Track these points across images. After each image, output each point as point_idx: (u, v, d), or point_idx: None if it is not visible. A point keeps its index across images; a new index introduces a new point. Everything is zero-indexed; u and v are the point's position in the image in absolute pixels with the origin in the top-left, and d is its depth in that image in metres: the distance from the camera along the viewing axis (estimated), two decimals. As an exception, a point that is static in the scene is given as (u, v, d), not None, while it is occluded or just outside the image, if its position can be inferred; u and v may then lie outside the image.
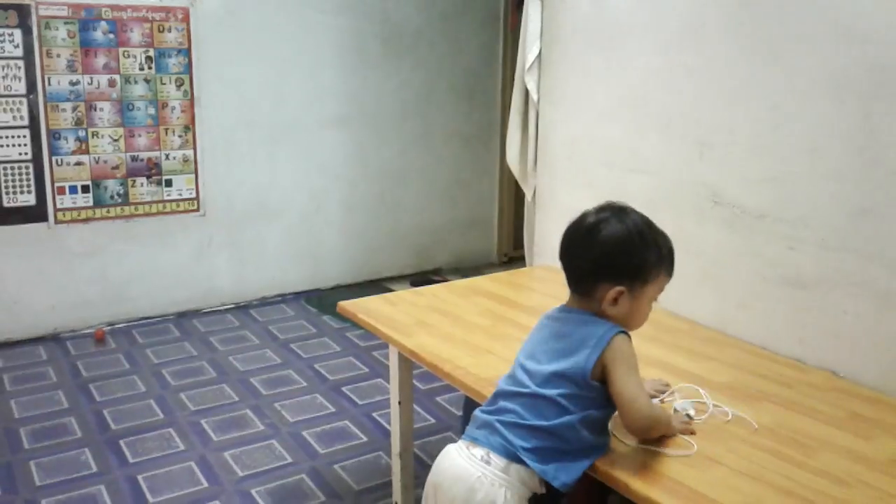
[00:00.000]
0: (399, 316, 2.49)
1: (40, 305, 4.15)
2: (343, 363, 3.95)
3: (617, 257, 1.59)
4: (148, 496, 2.77)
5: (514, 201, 5.57)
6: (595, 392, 1.57)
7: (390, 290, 4.04)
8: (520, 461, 1.56)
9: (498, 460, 1.57)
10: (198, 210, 4.50)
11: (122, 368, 3.85)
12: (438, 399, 3.54)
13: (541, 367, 1.61)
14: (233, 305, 4.71)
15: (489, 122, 5.48)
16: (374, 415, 3.40)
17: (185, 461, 3.00)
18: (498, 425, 1.60)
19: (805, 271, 2.14)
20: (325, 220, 4.97)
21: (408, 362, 2.51)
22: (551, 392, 1.57)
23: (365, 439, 3.19)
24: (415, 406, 3.03)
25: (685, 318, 2.46)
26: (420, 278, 5.16)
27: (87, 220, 4.19)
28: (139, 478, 2.88)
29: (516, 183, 5.30)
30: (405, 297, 2.71)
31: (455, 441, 1.69)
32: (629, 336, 1.61)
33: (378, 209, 5.16)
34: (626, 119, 2.70)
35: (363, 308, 2.58)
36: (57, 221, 4.11)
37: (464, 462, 1.60)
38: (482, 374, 2.01)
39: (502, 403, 1.64)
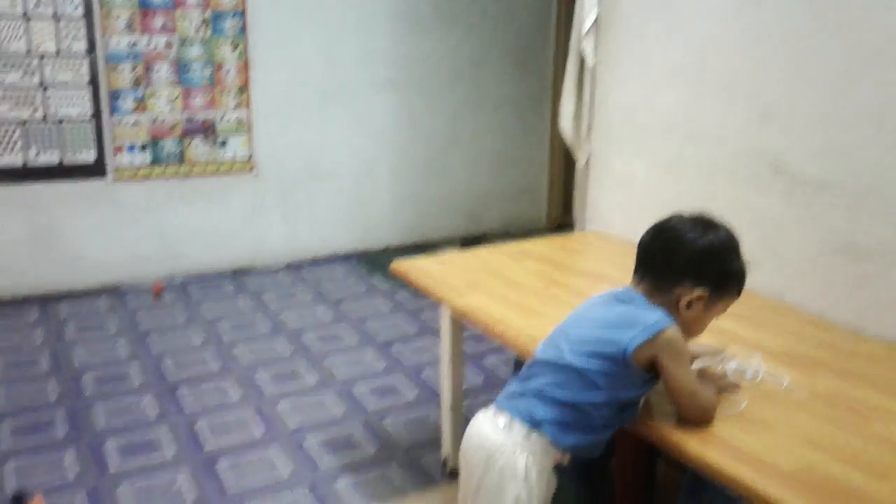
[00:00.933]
0: (451, 276, 2.53)
1: (100, 259, 4.29)
2: (392, 323, 4.02)
3: (713, 261, 1.60)
4: (206, 442, 2.88)
5: (564, 168, 5.55)
6: (632, 375, 1.57)
7: (438, 252, 4.09)
8: (541, 430, 1.59)
9: (520, 428, 1.60)
10: (251, 170, 4.58)
11: (178, 321, 3.98)
12: (486, 361, 3.59)
13: (582, 335, 1.62)
14: (284, 265, 4.81)
15: (541, 88, 5.45)
16: (423, 374, 3.46)
17: (240, 411, 3.11)
18: (526, 393, 1.63)
19: (866, 242, 2.12)
20: (375, 183, 5.02)
21: (458, 322, 2.56)
22: (584, 366, 1.58)
23: (413, 396, 3.26)
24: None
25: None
26: (468, 242, 5.20)
27: (144, 178, 4.30)
28: (196, 424, 2.99)
29: (567, 150, 5.31)
30: (457, 258, 2.74)
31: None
32: (676, 326, 1.58)
33: (428, 174, 5.19)
34: (684, 85, 2.67)
35: (416, 268, 2.62)
36: (115, 179, 4.23)
37: (487, 430, 1.64)
38: (534, 335, 2.04)
39: (535, 370, 1.66)
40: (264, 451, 2.83)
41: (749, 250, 2.46)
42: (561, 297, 2.34)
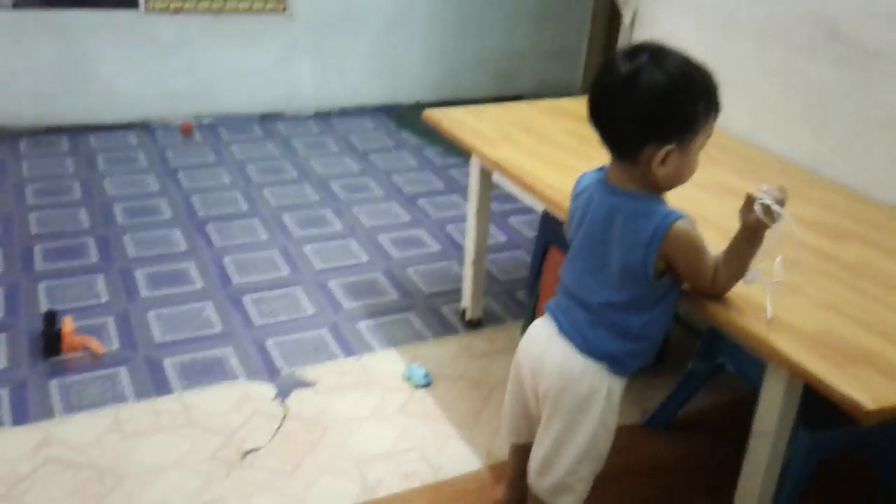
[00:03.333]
0: (484, 128, 2.49)
1: (131, 93, 4.26)
2: (419, 177, 4.01)
3: (663, 113, 1.37)
4: (233, 276, 2.96)
5: (606, 30, 5.33)
6: (662, 289, 1.51)
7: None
8: (613, 362, 1.57)
9: (591, 360, 1.57)
10: (284, 10, 4.45)
11: (208, 160, 3.99)
12: (511, 219, 3.60)
13: (600, 279, 1.53)
14: (313, 112, 4.76)
15: (589, -57, 5.16)
16: (448, 227, 3.49)
17: (267, 250, 3.17)
18: (580, 326, 1.58)
19: (916, 116, 2.05)
20: (409, 34, 4.87)
21: (487, 175, 2.54)
22: (609, 310, 1.53)
23: (437, 248, 3.30)
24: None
25: (777, 156, 2.40)
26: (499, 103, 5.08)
27: (177, 10, 4.19)
28: (225, 259, 3.06)
29: (610, 10, 5.09)
30: (490, 111, 2.69)
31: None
32: (686, 218, 1.44)
33: (463, 29, 5.02)
34: (746, -60, 2.51)
35: (449, 117, 2.58)
36: (148, 9, 4.13)
37: (559, 353, 1.59)
38: (564, 190, 2.02)
39: (575, 308, 1.59)
40: (289, 289, 2.91)
41: (789, 119, 2.40)
42: (594, 154, 2.28)
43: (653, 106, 1.37)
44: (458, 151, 4.20)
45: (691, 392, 2.26)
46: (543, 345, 1.64)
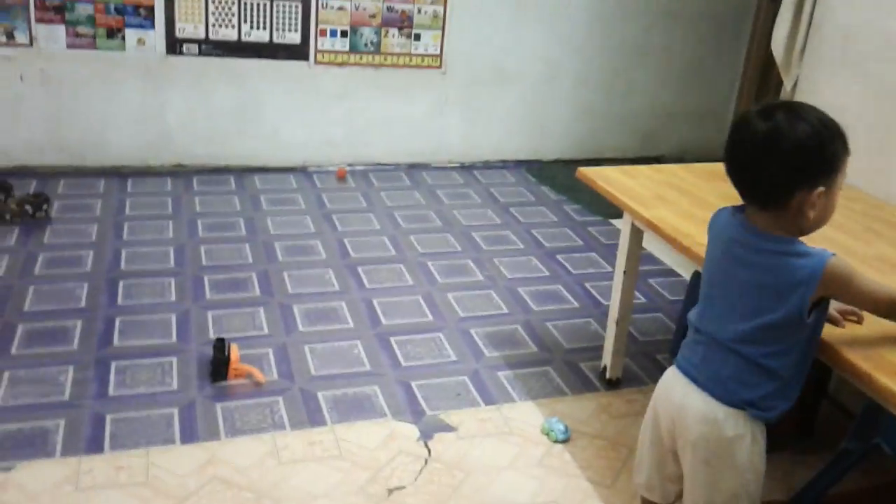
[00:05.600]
0: (637, 188, 2.53)
1: (294, 139, 4.57)
2: (559, 233, 4.07)
3: (812, 159, 1.46)
4: (381, 317, 3.10)
5: (755, 94, 5.26)
6: (807, 330, 1.53)
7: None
8: (752, 409, 1.59)
9: (729, 409, 1.60)
10: (440, 67, 4.67)
11: (360, 205, 4.21)
12: (651, 281, 3.59)
13: (744, 322, 1.56)
14: (458, 164, 4.93)
15: (742, 3, 5.13)
16: (587, 284, 3.52)
17: (413, 294, 3.30)
18: (718, 375, 1.61)
19: None
20: (556, 91, 4.98)
21: (638, 234, 2.57)
22: (753, 351, 1.55)
23: (576, 305, 3.34)
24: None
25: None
26: (641, 163, 5.09)
27: (342, 64, 4.49)
28: (374, 301, 3.22)
29: (761, 74, 5.02)
30: (644, 172, 2.73)
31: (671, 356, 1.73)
32: (835, 256, 1.49)
33: (611, 86, 5.08)
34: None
35: (602, 176, 2.64)
36: (316, 62, 4.45)
37: (700, 401, 1.62)
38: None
39: (712, 353, 1.63)
40: (433, 334, 3.02)
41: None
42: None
43: (802, 154, 1.46)
44: (597, 209, 4.24)
45: (843, 472, 2.17)
46: (682, 393, 1.67)
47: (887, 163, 2.56)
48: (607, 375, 2.78)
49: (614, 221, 4.19)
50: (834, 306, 1.67)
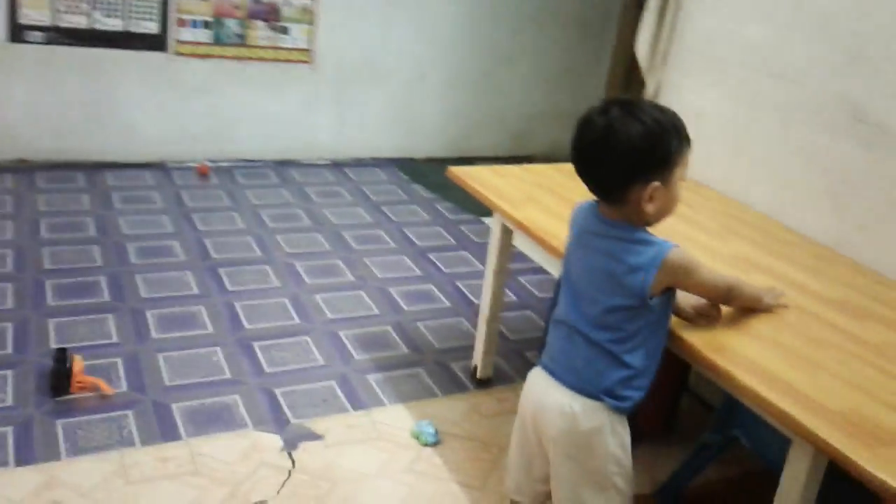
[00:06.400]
0: (507, 188, 2.51)
1: (151, 134, 4.31)
2: (431, 231, 4.03)
3: (643, 155, 1.49)
4: (244, 322, 2.94)
5: (621, 93, 5.42)
6: (652, 316, 1.57)
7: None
8: (609, 397, 1.60)
9: (588, 400, 1.61)
10: (310, 62, 4.52)
11: (223, 204, 4.01)
12: (522, 279, 3.60)
13: (594, 306, 1.59)
14: (329, 161, 4.80)
15: (608, 9, 5.27)
16: (458, 283, 3.48)
17: (279, 297, 3.16)
18: (573, 364, 1.63)
19: (939, 201, 2.06)
20: (427, 90, 4.95)
21: (508, 234, 2.55)
22: (603, 337, 1.58)
23: (448, 304, 3.29)
24: (502, 280, 3.10)
25: (797, 232, 2.41)
26: (512, 163, 5.13)
27: (204, 56, 4.27)
28: (236, 305, 3.05)
29: (626, 76, 5.17)
30: (514, 172, 2.72)
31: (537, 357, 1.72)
32: (677, 247, 1.55)
33: (481, 88, 5.10)
34: (773, 18, 2.56)
35: (473, 176, 2.61)
36: (177, 53, 4.20)
37: (558, 395, 1.63)
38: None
39: (568, 343, 1.65)
40: (299, 338, 2.89)
41: (811, 196, 2.42)
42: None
43: (633, 151, 1.49)
44: (469, 208, 4.23)
45: (703, 464, 2.23)
46: (542, 389, 1.68)
47: (743, 165, 2.66)
48: (478, 375, 2.75)
49: (486, 220, 4.19)
50: (689, 303, 1.70)
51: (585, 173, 1.58)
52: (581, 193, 1.64)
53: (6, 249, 3.23)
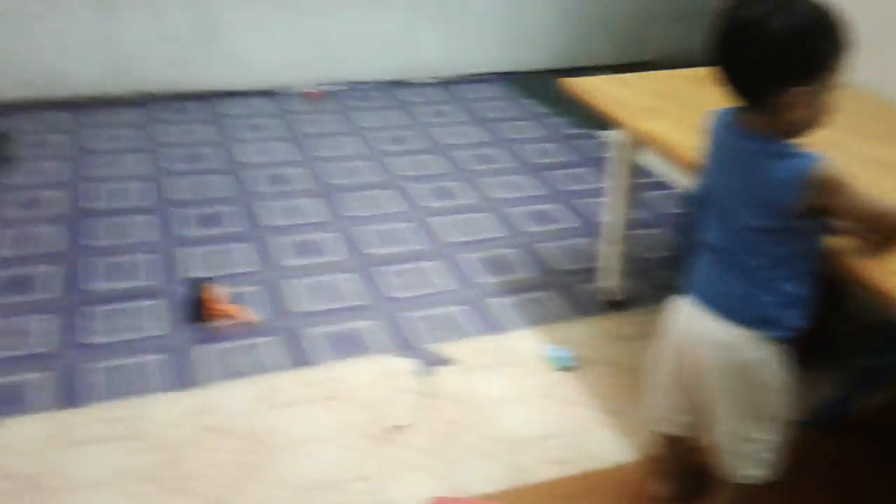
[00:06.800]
0: (629, 98, 2.36)
1: (262, 59, 4.30)
2: (546, 148, 3.91)
3: (797, 53, 1.33)
4: (368, 247, 2.96)
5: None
6: (802, 237, 1.45)
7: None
8: (769, 326, 1.50)
9: (747, 330, 1.51)
10: (412, -25, 4.38)
11: (336, 129, 4.00)
12: (645, 194, 3.45)
13: (741, 228, 1.48)
14: (436, 80, 4.69)
15: None
16: (578, 201, 3.38)
17: (399, 222, 3.15)
18: (726, 293, 1.53)
19: None
20: (535, -3, 4.71)
21: (632, 149, 2.42)
22: (754, 261, 1.46)
23: (570, 224, 3.20)
24: (629, 198, 2.98)
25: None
26: (626, 71, 4.85)
27: (305, -24, 4.20)
28: (359, 230, 3.06)
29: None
30: (635, 81, 2.55)
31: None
32: (826, 159, 1.38)
33: (591, -9, 4.81)
34: None
35: (590, 87, 2.45)
36: (282, -25, 4.15)
37: (712, 326, 1.54)
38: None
39: (719, 269, 1.54)
40: (423, 262, 2.88)
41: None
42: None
43: (786, 47, 1.33)
44: (584, 121, 4.06)
45: (862, 389, 2.11)
46: (692, 319, 1.59)
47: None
48: (609, 297, 2.68)
49: (603, 133, 4.03)
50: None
51: (726, 72, 1.42)
52: (711, 102, 1.52)
53: (138, 182, 3.34)
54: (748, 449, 1.59)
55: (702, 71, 2.59)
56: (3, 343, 2.35)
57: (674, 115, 2.22)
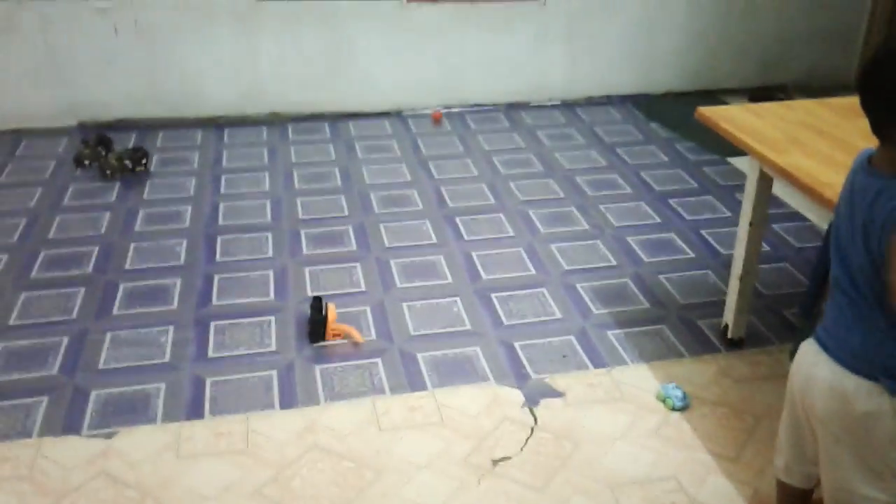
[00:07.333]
0: (766, 128, 2.26)
1: (387, 81, 4.41)
2: (670, 174, 3.79)
3: None
4: (481, 272, 2.95)
5: (891, 7, 4.71)
6: None
7: (725, 103, 3.70)
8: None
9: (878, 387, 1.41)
10: (540, -2, 4.37)
11: (456, 150, 4.03)
12: (777, 226, 3.28)
13: (861, 270, 1.39)
14: (560, 102, 4.65)
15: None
16: (703, 232, 3.25)
17: (514, 246, 3.13)
18: (847, 338, 1.44)
19: None
20: (667, 16, 4.58)
21: (767, 181, 2.30)
22: (876, 305, 1.36)
23: (692, 255, 3.08)
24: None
25: None
26: (761, 94, 4.67)
27: (434, 0, 4.26)
28: (473, 254, 3.07)
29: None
30: (774, 110, 2.44)
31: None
32: None
33: (727, 8, 4.63)
34: None
35: (726, 116, 2.37)
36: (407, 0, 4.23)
37: (828, 372, 1.46)
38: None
39: (840, 310, 1.46)
40: (536, 289, 2.85)
41: None
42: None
43: None
44: (713, 147, 3.92)
45: None
46: (812, 363, 1.51)
47: None
48: (729, 334, 2.55)
49: (732, 160, 3.87)
50: None
51: (863, 103, 1.37)
52: (856, 133, 1.42)
53: (265, 200, 3.48)
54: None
55: (848, 100, 2.46)
56: (130, 352, 2.50)
57: (814, 148, 2.12)
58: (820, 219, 3.27)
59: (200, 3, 4.04)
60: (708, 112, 2.41)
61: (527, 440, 2.16)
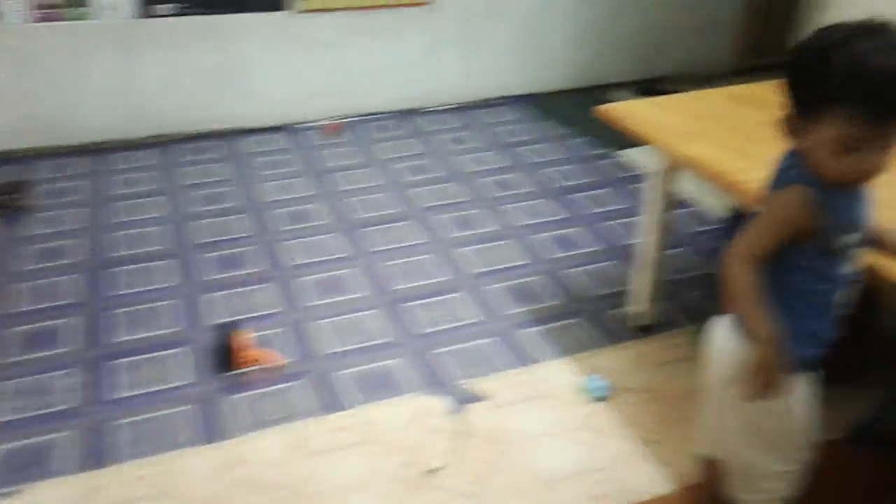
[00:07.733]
0: (666, 121, 2.31)
1: (279, 95, 4.30)
2: (570, 170, 3.86)
3: (793, 80, 1.31)
4: (393, 282, 2.92)
5: (764, 2, 4.97)
6: (801, 252, 1.36)
7: (612, 99, 3.81)
8: None
9: None
10: (428, 2, 4.36)
11: (356, 160, 3.98)
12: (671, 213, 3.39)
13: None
14: (456, 106, 4.67)
15: None
16: (605, 224, 3.33)
17: (424, 253, 3.11)
18: None
19: None
20: (555, 15, 4.66)
21: (671, 173, 2.37)
22: (769, 282, 1.39)
23: (597, 248, 3.15)
24: (656, 218, 2.92)
25: None
26: (645, 87, 4.83)
27: (321, 10, 4.18)
28: (384, 265, 3.03)
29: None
30: (671, 102, 2.50)
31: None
32: (811, 191, 1.30)
33: (608, 8, 4.77)
34: None
35: (628, 112, 2.40)
36: (295, 10, 4.14)
37: (728, 339, 1.51)
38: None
39: None
40: (450, 295, 2.84)
41: None
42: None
43: (790, 68, 1.33)
44: (607, 141, 4.02)
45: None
46: (717, 334, 1.56)
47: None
48: (640, 322, 2.62)
49: (626, 152, 3.98)
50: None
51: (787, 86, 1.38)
52: (752, 122, 1.47)
53: (162, 225, 3.33)
54: (757, 477, 1.55)
55: (751, 87, 2.55)
56: (25, 402, 2.33)
57: (718, 138, 2.17)
58: (720, 203, 3.40)
59: (77, 26, 3.83)
60: (609, 109, 2.43)
61: (456, 448, 2.14)
